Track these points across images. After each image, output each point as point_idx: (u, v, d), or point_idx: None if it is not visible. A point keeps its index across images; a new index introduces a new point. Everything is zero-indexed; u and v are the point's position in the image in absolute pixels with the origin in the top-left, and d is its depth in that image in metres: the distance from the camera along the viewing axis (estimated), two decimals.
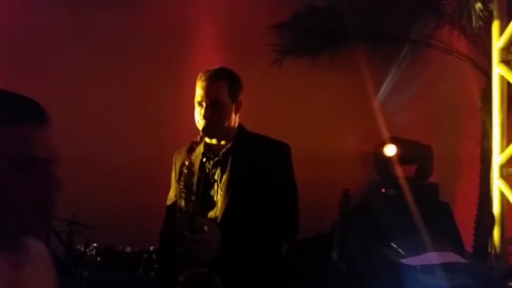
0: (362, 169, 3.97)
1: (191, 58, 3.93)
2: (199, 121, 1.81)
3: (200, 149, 1.89)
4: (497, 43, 2.50)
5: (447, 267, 2.53)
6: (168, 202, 1.93)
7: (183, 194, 1.70)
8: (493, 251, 2.51)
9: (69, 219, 3.02)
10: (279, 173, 1.83)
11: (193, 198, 1.71)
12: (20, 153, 0.85)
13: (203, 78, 1.82)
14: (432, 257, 2.64)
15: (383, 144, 3.77)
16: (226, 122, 1.82)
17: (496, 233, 2.51)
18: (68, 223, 3.02)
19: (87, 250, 2.97)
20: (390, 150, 3.73)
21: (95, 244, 2.99)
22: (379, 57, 3.96)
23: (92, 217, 3.04)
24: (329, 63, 3.99)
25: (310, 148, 3.88)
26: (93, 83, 3.78)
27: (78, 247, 3.00)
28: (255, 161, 1.78)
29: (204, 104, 1.79)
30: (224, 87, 1.81)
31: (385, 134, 3.79)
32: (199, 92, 1.81)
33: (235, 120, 1.87)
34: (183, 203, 1.70)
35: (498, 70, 2.54)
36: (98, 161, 3.69)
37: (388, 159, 3.73)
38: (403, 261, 2.64)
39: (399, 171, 3.68)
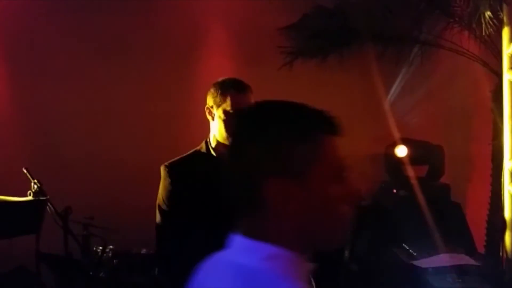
0: (373, 170, 3.98)
1: (201, 61, 3.97)
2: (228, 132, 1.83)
3: (208, 160, 1.90)
4: (507, 49, 2.50)
5: (459, 270, 2.54)
6: (165, 220, 1.85)
7: None
8: (504, 255, 2.52)
9: (86, 222, 3.08)
10: None
11: None
12: (335, 163, 0.87)
13: (238, 89, 1.87)
14: (444, 259, 2.66)
15: (394, 145, 3.78)
16: None
17: (508, 237, 2.52)
18: (85, 226, 3.08)
19: (104, 252, 3.02)
20: (401, 151, 3.74)
21: (111, 247, 3.05)
22: (388, 57, 3.96)
23: (109, 220, 3.10)
24: (339, 64, 4.00)
25: None
26: (107, 86, 3.83)
27: (94, 249, 3.06)
28: None
29: None
30: (252, 97, 1.90)
31: (396, 135, 3.80)
32: (235, 103, 1.85)
33: None
34: None
35: (508, 76, 2.54)
36: (114, 164, 3.74)
37: (399, 159, 3.74)
38: (415, 263, 2.66)
39: (410, 171, 3.69)
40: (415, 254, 2.77)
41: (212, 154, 1.90)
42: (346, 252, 3.18)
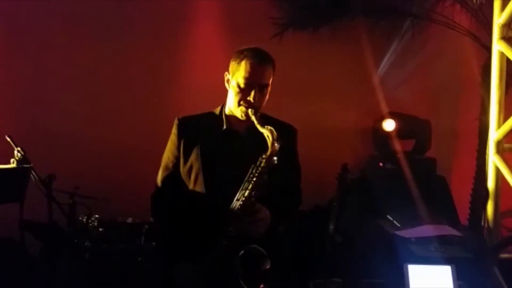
0: (361, 144, 3.99)
1: (191, 31, 3.90)
2: (242, 103, 1.79)
3: (217, 125, 1.87)
4: (498, 19, 2.48)
5: (442, 240, 2.58)
6: (164, 171, 1.89)
7: (254, 180, 1.70)
8: (486, 225, 2.56)
9: (71, 191, 3.07)
10: (290, 154, 1.86)
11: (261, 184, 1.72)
12: None
13: (255, 60, 1.77)
14: (427, 230, 2.70)
15: (382, 119, 3.79)
16: None
17: (490, 207, 2.56)
18: (70, 195, 3.07)
19: (89, 221, 3.02)
20: (389, 124, 3.75)
21: (97, 216, 3.04)
22: (380, 30, 3.92)
23: (94, 189, 3.08)
24: (330, 36, 3.95)
25: (310, 122, 3.89)
26: (92, 59, 3.77)
27: (80, 219, 3.05)
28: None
29: (255, 87, 1.77)
30: (271, 72, 1.82)
31: (385, 109, 3.80)
32: (248, 73, 1.76)
33: None
34: (249, 187, 1.71)
35: (498, 46, 2.53)
36: (100, 134, 3.71)
37: (387, 133, 3.75)
38: (398, 233, 2.69)
39: (397, 145, 3.71)
40: (399, 225, 2.80)
41: (222, 120, 1.87)
42: (331, 224, 3.20)
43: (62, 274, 2.93)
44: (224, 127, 1.85)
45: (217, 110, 1.91)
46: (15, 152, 2.89)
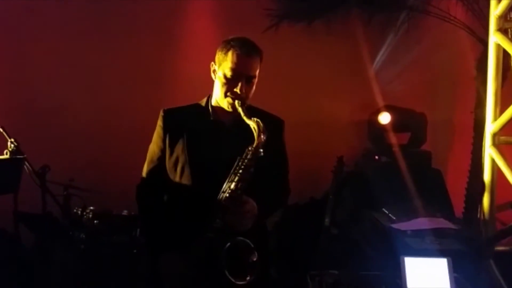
0: (356, 137, 4.00)
1: (184, 23, 3.88)
2: (229, 94, 1.77)
3: (203, 116, 1.86)
4: (495, 10, 2.47)
5: (437, 233, 2.59)
6: (150, 163, 1.87)
7: (240, 172, 1.69)
8: (482, 217, 2.58)
9: (66, 183, 3.05)
10: (277, 146, 1.85)
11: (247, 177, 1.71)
12: None
13: (242, 51, 1.74)
14: (423, 223, 2.71)
15: (377, 112, 3.79)
16: None
17: (486, 199, 2.57)
18: (65, 187, 3.05)
19: (84, 213, 3.01)
20: (384, 118, 3.75)
21: (91, 208, 3.03)
22: (375, 23, 3.92)
23: (89, 181, 3.06)
24: (325, 29, 3.94)
25: (305, 115, 3.89)
26: (87, 52, 3.73)
27: (75, 211, 3.04)
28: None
29: (242, 78, 1.75)
30: (258, 63, 1.79)
31: (380, 102, 3.80)
32: (235, 64, 1.74)
33: None
34: (235, 179, 1.69)
35: (494, 38, 2.53)
36: (95, 126, 3.69)
37: (383, 127, 3.75)
38: (394, 226, 2.70)
39: (393, 138, 3.71)
40: (394, 218, 2.81)
41: (208, 111, 1.85)
42: (327, 217, 3.21)
43: (57, 266, 2.92)
44: (211, 118, 1.83)
45: (203, 102, 1.89)
46: (8, 143, 2.86)
